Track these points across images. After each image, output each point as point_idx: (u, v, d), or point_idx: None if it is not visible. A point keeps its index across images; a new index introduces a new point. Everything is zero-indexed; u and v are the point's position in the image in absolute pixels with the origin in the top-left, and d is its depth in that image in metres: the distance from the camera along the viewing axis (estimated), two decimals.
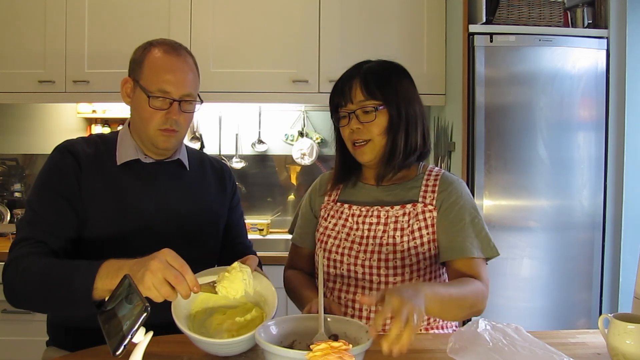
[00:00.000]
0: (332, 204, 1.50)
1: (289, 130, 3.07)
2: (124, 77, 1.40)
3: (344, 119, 1.41)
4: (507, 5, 2.41)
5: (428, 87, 2.67)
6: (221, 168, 1.60)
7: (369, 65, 1.43)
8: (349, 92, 1.39)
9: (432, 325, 1.40)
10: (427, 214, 1.38)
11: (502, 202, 2.41)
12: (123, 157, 1.40)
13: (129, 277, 0.97)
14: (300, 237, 1.59)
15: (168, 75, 1.34)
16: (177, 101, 1.35)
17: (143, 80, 1.35)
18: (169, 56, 1.36)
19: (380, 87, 1.38)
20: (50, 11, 2.65)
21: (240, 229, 1.61)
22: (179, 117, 1.36)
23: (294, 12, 2.68)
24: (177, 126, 1.37)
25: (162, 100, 1.34)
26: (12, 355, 2.39)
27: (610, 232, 2.45)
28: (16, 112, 3.04)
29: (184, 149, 1.50)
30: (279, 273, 1.60)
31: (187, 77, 1.37)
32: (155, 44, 1.38)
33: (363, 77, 1.39)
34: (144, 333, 0.89)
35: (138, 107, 1.37)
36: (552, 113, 2.41)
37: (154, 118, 1.35)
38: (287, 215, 3.06)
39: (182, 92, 1.35)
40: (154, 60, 1.35)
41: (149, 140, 1.38)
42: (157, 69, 1.34)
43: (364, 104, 1.38)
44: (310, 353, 0.92)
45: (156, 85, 1.33)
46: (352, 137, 1.40)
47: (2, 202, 2.88)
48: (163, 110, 1.34)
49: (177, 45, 1.39)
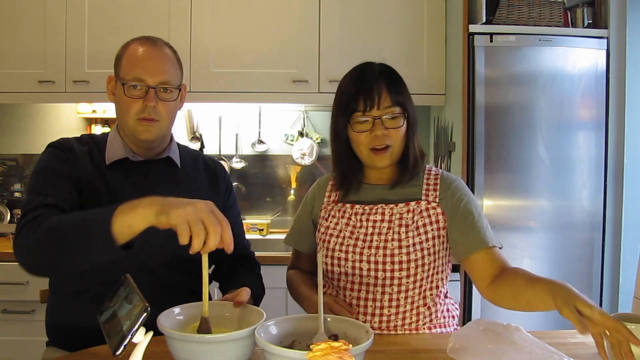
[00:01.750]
0: (332, 204, 1.50)
1: (289, 130, 3.07)
2: (109, 75, 1.42)
3: (363, 124, 1.38)
4: (507, 5, 2.41)
5: (428, 87, 2.67)
6: (215, 167, 1.58)
7: (382, 68, 1.43)
8: (377, 96, 1.36)
9: (435, 323, 1.41)
10: (432, 211, 1.41)
11: (502, 202, 2.41)
12: (112, 157, 1.40)
13: (129, 276, 0.97)
14: (296, 240, 1.60)
15: (143, 63, 1.35)
16: (153, 88, 1.35)
17: (122, 72, 1.37)
18: (145, 47, 1.38)
19: (401, 93, 1.40)
20: (50, 11, 2.65)
21: (237, 229, 1.57)
22: (156, 104, 1.35)
23: (294, 13, 2.68)
24: (157, 115, 1.36)
25: (139, 88, 1.35)
26: (12, 355, 2.39)
27: (610, 232, 2.45)
28: (16, 112, 3.04)
29: (174, 147, 1.50)
30: (278, 273, 1.61)
31: (163, 66, 1.37)
32: (135, 40, 1.41)
33: (389, 82, 1.38)
34: (144, 333, 0.89)
35: (118, 100, 1.39)
36: (552, 113, 2.41)
37: (131, 107, 1.35)
38: (287, 215, 3.06)
39: (158, 79, 1.35)
40: (130, 53, 1.38)
41: (130, 132, 1.38)
42: (133, 59, 1.37)
43: (392, 110, 1.37)
44: (310, 353, 0.92)
45: (131, 74, 1.35)
46: (373, 143, 1.38)
47: (2, 202, 2.88)
48: (139, 99, 1.35)
49: (155, 39, 1.42)
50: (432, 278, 1.41)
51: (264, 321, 1.10)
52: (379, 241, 1.39)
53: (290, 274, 1.59)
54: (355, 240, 1.41)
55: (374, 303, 1.39)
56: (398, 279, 1.37)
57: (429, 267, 1.39)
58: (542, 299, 1.18)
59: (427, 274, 1.39)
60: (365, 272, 1.39)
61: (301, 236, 1.58)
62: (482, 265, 1.36)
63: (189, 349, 1.04)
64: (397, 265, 1.37)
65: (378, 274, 1.38)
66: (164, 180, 1.44)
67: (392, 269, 1.37)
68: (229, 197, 1.58)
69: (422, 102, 2.71)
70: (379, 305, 1.38)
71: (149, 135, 1.38)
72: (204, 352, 1.04)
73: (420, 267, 1.38)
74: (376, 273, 1.38)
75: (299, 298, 1.49)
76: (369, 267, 1.39)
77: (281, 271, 1.66)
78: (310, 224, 1.56)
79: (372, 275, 1.39)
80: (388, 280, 1.38)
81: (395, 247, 1.37)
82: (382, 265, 1.38)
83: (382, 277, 1.38)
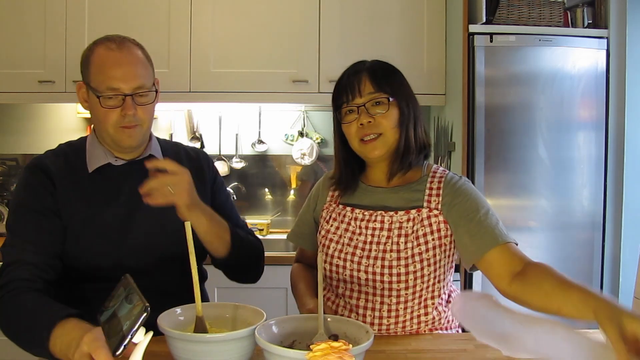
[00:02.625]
0: (334, 205, 1.48)
1: (289, 130, 3.07)
2: (78, 83, 1.37)
3: (350, 115, 1.38)
4: (507, 5, 2.41)
5: (428, 87, 2.67)
6: (197, 156, 1.54)
7: (372, 62, 1.43)
8: (358, 85, 1.37)
9: (437, 326, 1.39)
10: (433, 219, 1.36)
11: (502, 202, 2.41)
12: (94, 164, 1.37)
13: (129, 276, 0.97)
14: (298, 238, 1.59)
15: (114, 71, 1.30)
16: (129, 95, 1.31)
17: (92, 81, 1.32)
18: (112, 52, 1.32)
19: (389, 81, 1.38)
20: (50, 11, 2.65)
21: (229, 210, 1.54)
22: (135, 111, 1.32)
23: (294, 12, 2.68)
24: (137, 120, 1.33)
25: (114, 98, 1.30)
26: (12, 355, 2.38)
27: (610, 232, 2.45)
28: (16, 112, 3.03)
29: (155, 143, 1.46)
30: (278, 273, 1.61)
31: (136, 70, 1.32)
32: (98, 43, 1.35)
33: (371, 71, 1.39)
34: (144, 333, 0.89)
35: (93, 110, 1.34)
36: (552, 113, 2.41)
37: (110, 117, 1.31)
38: (287, 215, 3.06)
39: (133, 85, 1.31)
40: (98, 59, 1.32)
41: (112, 140, 1.35)
42: (102, 67, 1.31)
43: (374, 96, 1.36)
44: (310, 353, 0.92)
45: (104, 84, 1.30)
46: (361, 133, 1.36)
47: (2, 202, 2.88)
48: (117, 108, 1.31)
49: (121, 39, 1.35)
50: (432, 287, 1.37)
51: (264, 321, 1.10)
52: (377, 251, 1.36)
53: (294, 267, 1.59)
54: (354, 248, 1.39)
55: (373, 312, 1.37)
56: (397, 290, 1.34)
57: (428, 278, 1.35)
58: (578, 309, 1.05)
59: (427, 284, 1.36)
60: (363, 282, 1.37)
61: (303, 234, 1.58)
62: (498, 263, 1.26)
63: (190, 349, 1.04)
64: (395, 277, 1.33)
65: (376, 285, 1.35)
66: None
67: (390, 281, 1.34)
68: (214, 182, 1.54)
69: (422, 102, 2.66)
70: (378, 315, 1.36)
71: (132, 142, 1.36)
72: (204, 352, 1.04)
73: (419, 278, 1.34)
74: (374, 283, 1.35)
75: (296, 295, 1.49)
76: (367, 277, 1.36)
77: (281, 271, 1.66)
78: (312, 222, 1.55)
79: (370, 285, 1.36)
80: (386, 291, 1.35)
81: (394, 258, 1.34)
82: (380, 276, 1.34)
83: (381, 288, 1.35)
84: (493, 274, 1.28)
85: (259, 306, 1.17)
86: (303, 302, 1.39)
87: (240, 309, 1.20)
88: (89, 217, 1.33)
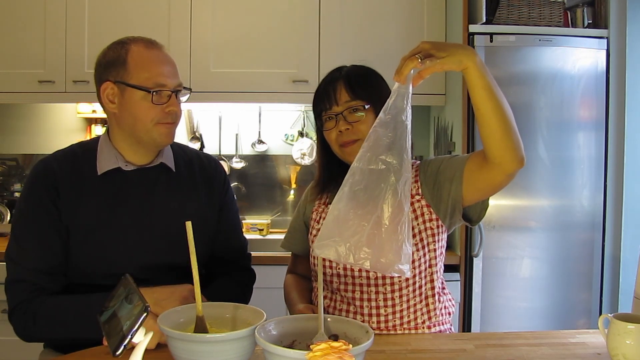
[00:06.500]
0: (323, 206, 1.51)
1: (289, 130, 3.07)
2: (103, 85, 1.34)
3: (329, 122, 1.42)
4: (507, 5, 2.41)
5: (428, 87, 2.66)
6: (210, 165, 1.53)
7: (348, 69, 1.46)
8: (334, 94, 1.41)
9: (434, 322, 1.41)
10: (416, 204, 1.40)
11: (502, 202, 2.41)
12: (104, 167, 1.36)
13: (129, 276, 0.97)
14: (290, 242, 1.62)
15: (161, 68, 1.32)
16: (174, 92, 1.34)
17: (134, 79, 1.31)
18: (153, 50, 1.35)
19: (365, 88, 1.41)
20: (50, 11, 2.65)
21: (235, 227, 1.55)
22: (178, 108, 1.35)
23: (294, 12, 2.68)
24: (176, 118, 1.36)
25: (161, 94, 1.32)
26: (12, 355, 2.38)
27: (610, 232, 2.45)
28: (16, 112, 3.03)
29: (168, 150, 1.45)
30: (278, 273, 1.61)
31: (175, 68, 1.37)
32: (131, 42, 1.34)
33: (346, 79, 1.42)
34: (144, 333, 0.89)
35: (132, 108, 1.32)
36: (552, 113, 2.41)
37: (151, 114, 1.31)
38: (287, 215, 3.06)
39: (176, 82, 1.35)
40: (139, 57, 1.32)
41: (149, 137, 1.34)
42: (147, 64, 1.32)
43: (351, 104, 1.39)
44: (310, 353, 0.92)
45: (153, 80, 1.30)
46: (340, 140, 1.40)
47: (2, 202, 2.88)
48: (160, 105, 1.32)
49: (153, 40, 1.39)
50: (424, 273, 1.40)
51: (264, 321, 1.10)
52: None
53: (287, 278, 1.61)
54: None
55: (369, 303, 1.39)
56: (390, 277, 1.37)
57: (419, 263, 1.39)
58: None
59: (418, 270, 1.39)
60: (357, 273, 1.39)
61: (294, 238, 1.60)
62: (474, 162, 1.34)
63: (190, 349, 1.04)
64: None
65: (370, 274, 1.38)
66: (158, 188, 1.40)
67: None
68: (226, 194, 1.53)
69: (422, 102, 2.70)
70: (375, 305, 1.39)
71: (169, 140, 1.37)
72: (204, 352, 1.04)
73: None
74: (368, 273, 1.38)
75: (288, 304, 1.52)
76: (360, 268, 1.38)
77: (281, 271, 1.66)
78: (303, 227, 1.58)
79: (364, 276, 1.39)
80: (380, 279, 1.38)
81: None
82: None
83: (374, 277, 1.38)
84: (476, 170, 1.35)
85: (259, 306, 1.17)
86: (296, 310, 1.41)
87: (240, 309, 1.20)
88: (93, 222, 1.33)
